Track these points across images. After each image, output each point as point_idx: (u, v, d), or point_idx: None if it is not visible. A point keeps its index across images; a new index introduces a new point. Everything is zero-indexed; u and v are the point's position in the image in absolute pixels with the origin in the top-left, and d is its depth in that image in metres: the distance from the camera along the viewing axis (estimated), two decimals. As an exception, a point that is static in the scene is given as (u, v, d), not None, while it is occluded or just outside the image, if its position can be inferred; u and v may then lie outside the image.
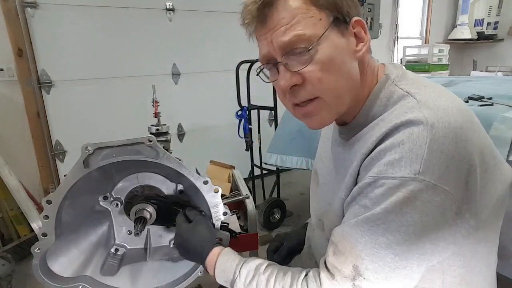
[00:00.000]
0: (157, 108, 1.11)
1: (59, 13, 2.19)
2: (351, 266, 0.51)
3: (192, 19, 2.67)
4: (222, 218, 0.74)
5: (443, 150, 0.46)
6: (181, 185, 0.82)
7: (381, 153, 0.51)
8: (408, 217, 0.47)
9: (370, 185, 0.51)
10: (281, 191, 2.52)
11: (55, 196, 0.67)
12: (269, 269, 0.60)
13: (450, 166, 0.47)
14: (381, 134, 0.52)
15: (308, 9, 0.54)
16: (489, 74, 3.80)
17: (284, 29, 0.54)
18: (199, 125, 2.88)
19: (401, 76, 0.60)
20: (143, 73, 2.56)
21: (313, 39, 0.53)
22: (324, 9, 0.54)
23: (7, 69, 2.11)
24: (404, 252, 0.48)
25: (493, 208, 0.52)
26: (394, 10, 4.20)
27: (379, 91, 0.59)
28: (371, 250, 0.49)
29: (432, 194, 0.46)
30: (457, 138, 0.47)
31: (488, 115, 1.17)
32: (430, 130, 0.47)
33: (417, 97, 0.53)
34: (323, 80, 0.55)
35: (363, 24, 0.58)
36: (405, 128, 0.49)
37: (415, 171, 0.46)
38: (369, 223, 0.50)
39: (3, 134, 2.17)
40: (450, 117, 0.49)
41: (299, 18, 0.53)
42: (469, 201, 0.49)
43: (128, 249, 0.85)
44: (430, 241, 0.48)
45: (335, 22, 0.55)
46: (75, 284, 0.72)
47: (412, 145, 0.47)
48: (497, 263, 0.64)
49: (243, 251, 1.09)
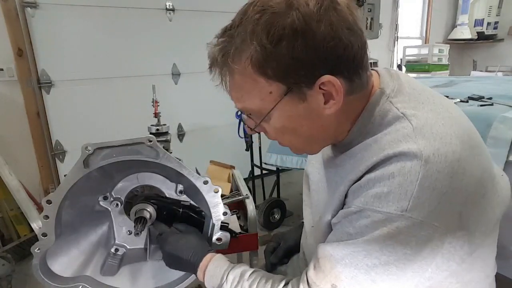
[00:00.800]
0: (157, 108, 1.11)
1: (59, 13, 2.19)
2: (330, 285, 0.52)
3: (192, 19, 2.67)
4: (222, 218, 0.74)
5: (435, 187, 0.45)
6: (181, 185, 0.82)
7: (370, 182, 0.49)
8: (390, 249, 0.47)
9: (356, 213, 0.50)
10: (281, 191, 2.53)
11: (55, 196, 0.67)
12: (253, 276, 0.61)
13: (442, 202, 0.45)
14: (371, 162, 0.49)
15: (256, 80, 0.50)
16: (489, 74, 3.81)
17: (235, 99, 0.55)
18: (199, 125, 2.88)
19: (397, 90, 0.55)
20: (143, 73, 2.55)
21: (262, 112, 0.53)
22: (275, 80, 0.49)
23: (7, 69, 2.11)
24: (383, 280, 0.48)
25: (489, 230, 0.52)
26: (394, 10, 4.20)
27: (373, 108, 0.54)
28: (350, 273, 0.50)
29: (419, 229, 0.45)
30: (453, 173, 0.45)
31: (488, 115, 1.17)
32: (423, 165, 0.45)
33: (413, 122, 0.49)
34: (281, 140, 0.58)
35: (333, 84, 0.49)
36: (397, 161, 0.47)
37: (402, 208, 0.45)
38: (350, 248, 0.50)
39: (3, 134, 2.17)
40: (447, 148, 0.46)
41: (247, 90, 0.52)
42: (462, 229, 0.48)
43: (128, 249, 0.85)
44: (413, 271, 0.48)
45: (290, 91, 0.50)
46: (75, 284, 0.72)
47: (403, 180, 0.45)
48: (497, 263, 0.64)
49: (243, 251, 1.09)
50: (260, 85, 0.50)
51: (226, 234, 0.76)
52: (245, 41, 0.48)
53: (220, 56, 0.51)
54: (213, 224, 0.75)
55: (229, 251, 0.83)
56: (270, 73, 0.49)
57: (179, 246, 0.70)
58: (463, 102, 1.43)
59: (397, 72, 0.60)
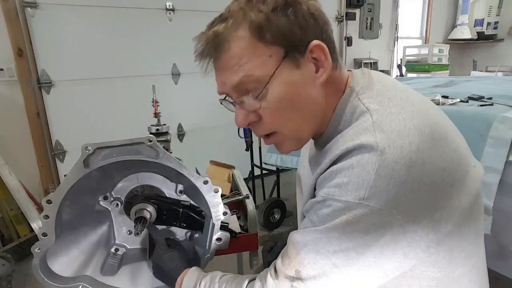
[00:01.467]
0: (157, 108, 1.11)
1: (59, 13, 2.19)
2: (294, 270, 0.54)
3: (192, 19, 2.67)
4: (222, 218, 0.74)
5: (392, 176, 0.46)
6: (181, 185, 0.82)
7: (332, 174, 0.52)
8: (350, 235, 0.49)
9: (319, 203, 0.52)
10: (281, 191, 2.53)
11: (55, 196, 0.67)
12: (224, 277, 0.64)
13: (401, 191, 0.47)
14: (334, 155, 0.52)
15: (255, 47, 0.52)
16: (489, 74, 3.81)
17: (232, 71, 0.54)
18: (199, 125, 2.89)
19: (366, 87, 0.58)
20: (143, 73, 2.56)
21: (263, 79, 0.53)
22: (273, 44, 0.52)
23: (7, 69, 2.11)
24: (344, 265, 0.50)
25: (459, 219, 0.52)
26: (394, 10, 4.20)
27: (344, 106, 0.58)
28: (312, 259, 0.52)
29: (377, 217, 0.47)
30: (410, 162, 0.47)
31: (488, 115, 1.17)
32: (379, 156, 0.47)
33: (374, 116, 0.52)
34: (277, 118, 0.57)
35: (322, 48, 0.54)
36: (357, 153, 0.49)
37: (360, 197, 0.47)
38: (313, 235, 0.52)
39: (3, 134, 2.17)
40: (404, 140, 0.48)
41: (247, 59, 0.52)
42: (425, 218, 0.49)
43: (128, 249, 0.85)
44: (374, 256, 0.49)
45: (287, 56, 0.53)
46: (75, 284, 0.72)
47: (361, 170, 0.48)
48: (497, 263, 0.64)
49: (243, 251, 1.09)
50: (260, 50, 0.52)
51: (226, 234, 0.76)
52: (242, 11, 0.52)
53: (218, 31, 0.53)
54: (213, 224, 0.75)
55: (229, 251, 0.83)
56: (268, 38, 0.52)
57: (163, 258, 0.72)
58: (463, 102, 1.43)
59: (370, 71, 0.62)
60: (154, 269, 0.74)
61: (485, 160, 1.09)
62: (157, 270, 0.74)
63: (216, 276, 0.65)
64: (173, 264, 0.70)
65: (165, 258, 0.72)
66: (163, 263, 0.71)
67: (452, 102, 1.43)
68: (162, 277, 0.73)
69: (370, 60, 3.93)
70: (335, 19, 3.61)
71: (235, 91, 0.56)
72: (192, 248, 0.83)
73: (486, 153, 1.09)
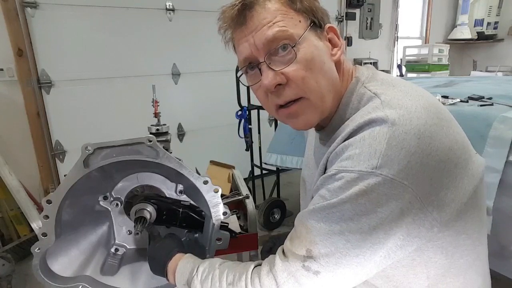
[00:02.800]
0: (157, 108, 1.11)
1: (59, 13, 2.19)
2: (305, 250, 0.53)
3: (192, 19, 2.67)
4: (222, 218, 0.74)
5: (403, 146, 0.48)
6: (181, 185, 0.82)
7: (344, 148, 0.53)
8: (363, 207, 0.48)
9: (330, 177, 0.52)
10: (281, 191, 2.53)
11: (55, 196, 0.67)
12: (225, 264, 0.63)
13: (412, 162, 0.47)
14: (346, 133, 0.54)
15: (287, 11, 0.57)
16: (489, 74, 3.81)
17: (267, 27, 0.56)
18: (199, 125, 2.89)
19: (371, 77, 0.61)
20: (143, 73, 2.56)
21: (295, 37, 0.56)
22: (302, 12, 0.58)
23: (7, 69, 2.11)
24: (357, 240, 0.49)
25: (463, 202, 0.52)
26: (394, 10, 4.20)
27: (351, 94, 0.61)
28: (324, 236, 0.51)
29: (389, 187, 0.47)
30: (420, 134, 0.48)
31: (488, 115, 1.17)
32: (390, 127, 0.49)
33: (382, 97, 0.55)
34: (306, 79, 0.57)
35: (335, 30, 0.61)
36: (368, 128, 0.51)
37: (372, 166, 0.48)
38: (325, 211, 0.52)
39: (3, 134, 2.17)
40: (412, 114, 0.50)
41: (280, 17, 0.56)
42: (431, 194, 0.49)
43: (128, 249, 0.85)
44: (384, 232, 0.49)
45: (312, 26, 0.58)
46: (75, 284, 0.72)
47: (372, 141, 0.49)
48: (497, 263, 0.64)
49: (243, 251, 1.09)
50: (291, 14, 0.57)
51: (226, 234, 0.76)
52: None
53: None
54: (213, 224, 0.75)
55: (229, 251, 0.84)
56: (299, 7, 0.58)
57: (156, 247, 0.72)
58: (463, 102, 1.43)
59: (373, 67, 0.66)
60: (149, 262, 0.72)
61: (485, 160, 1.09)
62: (150, 262, 0.72)
63: (215, 262, 0.64)
64: (164, 251, 0.70)
65: (158, 246, 0.71)
66: (155, 251, 0.70)
67: (452, 102, 1.43)
68: (156, 269, 0.71)
69: (370, 60, 3.93)
70: (335, 19, 3.62)
71: (265, 50, 0.57)
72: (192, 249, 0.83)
73: (486, 153, 1.09)
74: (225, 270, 0.60)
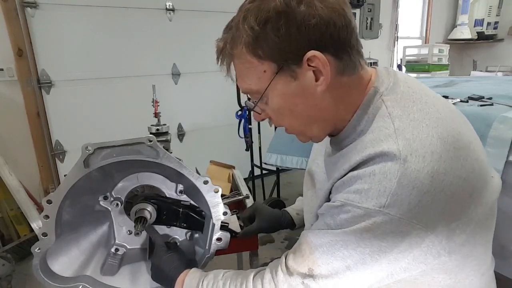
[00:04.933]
0: (157, 108, 1.11)
1: (59, 13, 2.19)
2: (307, 268, 0.55)
3: (192, 19, 2.67)
4: (222, 218, 0.74)
5: (415, 186, 0.46)
6: (181, 185, 0.82)
7: (352, 179, 0.52)
8: (367, 242, 0.49)
9: (337, 208, 0.52)
10: (281, 191, 2.53)
11: (55, 196, 0.67)
12: (227, 274, 0.65)
13: (423, 201, 0.46)
14: (354, 162, 0.52)
15: (251, 62, 0.54)
16: (489, 74, 3.81)
17: (240, 79, 0.59)
18: (199, 125, 2.89)
19: (391, 88, 0.56)
20: (143, 73, 2.56)
21: (260, 92, 0.57)
22: (266, 59, 0.53)
23: (7, 69, 2.11)
24: (359, 269, 0.51)
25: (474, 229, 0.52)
26: (394, 10, 4.20)
27: (367, 107, 0.56)
28: (326, 260, 0.53)
29: (396, 225, 0.47)
30: (433, 172, 0.46)
31: (488, 115, 1.17)
32: (402, 164, 0.47)
33: (396, 123, 0.51)
34: (281, 122, 0.60)
35: (319, 57, 0.51)
36: (379, 162, 0.49)
37: (380, 204, 0.47)
38: (329, 237, 0.53)
39: (3, 134, 2.17)
40: (426, 149, 0.48)
41: (246, 72, 0.57)
42: (442, 226, 0.48)
43: (128, 249, 0.85)
44: (388, 261, 0.50)
45: (281, 69, 0.53)
46: (75, 284, 0.72)
47: (383, 177, 0.47)
48: (497, 263, 0.64)
49: (243, 251, 1.09)
50: (255, 65, 0.54)
51: (226, 234, 0.76)
52: (238, 27, 0.54)
53: (222, 46, 0.57)
54: (213, 224, 0.75)
55: (229, 251, 0.83)
56: (261, 53, 0.53)
57: (163, 259, 0.72)
58: (463, 102, 1.43)
59: (395, 71, 0.61)
60: (153, 270, 0.74)
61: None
62: (156, 271, 0.73)
63: (218, 273, 0.65)
64: (172, 265, 0.71)
65: (165, 259, 0.72)
66: (163, 264, 0.72)
67: (452, 102, 1.43)
68: (161, 279, 0.73)
69: (370, 60, 3.93)
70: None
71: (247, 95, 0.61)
72: (192, 249, 0.83)
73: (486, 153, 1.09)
74: (228, 282, 0.63)
